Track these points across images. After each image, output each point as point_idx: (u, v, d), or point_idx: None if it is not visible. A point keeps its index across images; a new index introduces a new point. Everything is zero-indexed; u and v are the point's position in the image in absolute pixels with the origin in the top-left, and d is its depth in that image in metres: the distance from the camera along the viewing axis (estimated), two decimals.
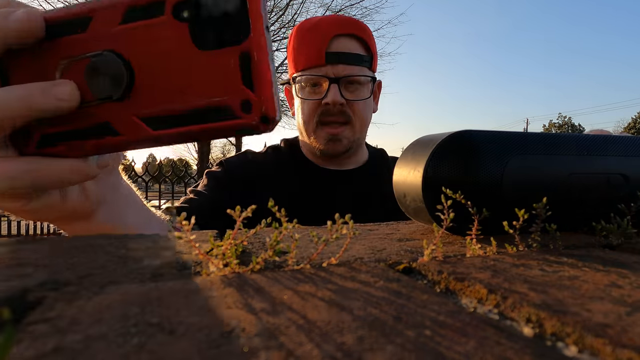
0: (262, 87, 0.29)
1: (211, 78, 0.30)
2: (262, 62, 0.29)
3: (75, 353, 0.16)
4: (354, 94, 0.85)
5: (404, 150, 0.44)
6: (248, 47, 0.29)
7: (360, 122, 0.87)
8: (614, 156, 0.41)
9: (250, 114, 0.29)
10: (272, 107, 0.29)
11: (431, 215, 0.38)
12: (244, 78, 0.29)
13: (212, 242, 0.28)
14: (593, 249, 0.34)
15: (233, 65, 0.29)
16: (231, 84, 0.29)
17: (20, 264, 0.29)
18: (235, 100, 0.29)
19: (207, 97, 0.30)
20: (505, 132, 0.39)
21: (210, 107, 0.30)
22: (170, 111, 0.31)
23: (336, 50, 0.83)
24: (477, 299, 0.23)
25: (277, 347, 0.16)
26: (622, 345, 0.17)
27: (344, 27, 0.84)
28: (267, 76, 0.29)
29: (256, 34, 0.29)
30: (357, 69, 0.85)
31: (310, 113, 0.86)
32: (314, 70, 0.84)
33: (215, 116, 0.30)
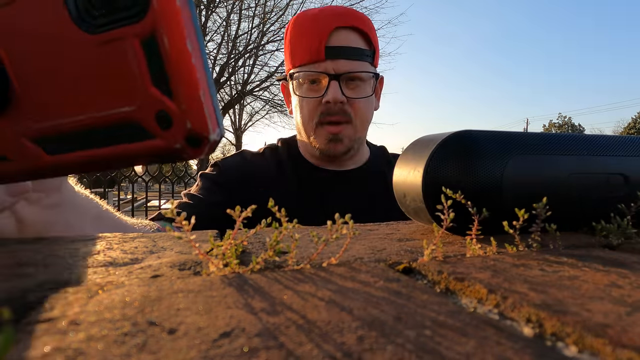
0: (184, 89, 0.20)
1: (107, 78, 0.21)
2: (179, 49, 0.20)
3: (75, 353, 0.16)
4: (355, 91, 0.81)
5: (404, 150, 0.44)
6: (152, 26, 0.20)
7: (362, 120, 0.84)
8: (614, 156, 0.41)
9: (169, 131, 0.21)
10: (203, 120, 0.21)
11: (431, 215, 0.38)
12: (154, 77, 0.20)
13: (212, 242, 0.28)
14: (593, 249, 0.34)
15: (134, 56, 0.20)
16: (136, 87, 0.21)
17: (20, 264, 0.29)
18: (147, 112, 0.21)
19: (107, 108, 0.21)
20: (505, 132, 0.40)
21: (113, 122, 0.22)
22: (65, 128, 0.22)
23: (336, 44, 0.78)
24: (477, 299, 0.23)
25: (277, 347, 0.16)
26: (622, 345, 0.17)
27: (345, 19, 0.79)
28: (191, 72, 0.20)
29: (163, 2, 0.20)
30: (358, 65, 0.80)
31: (310, 112, 0.82)
32: (313, 66, 0.79)
33: (123, 135, 0.22)
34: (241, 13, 10.01)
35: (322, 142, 0.82)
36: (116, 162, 0.23)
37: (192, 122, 0.20)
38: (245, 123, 14.14)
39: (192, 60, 0.20)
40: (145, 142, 0.21)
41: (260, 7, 10.04)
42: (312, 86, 0.81)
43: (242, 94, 10.52)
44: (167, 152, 0.21)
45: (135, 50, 0.20)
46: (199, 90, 0.20)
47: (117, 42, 0.21)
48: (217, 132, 0.21)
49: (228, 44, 10.11)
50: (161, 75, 0.20)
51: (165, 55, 0.20)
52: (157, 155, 0.22)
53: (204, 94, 0.20)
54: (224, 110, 10.55)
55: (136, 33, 0.20)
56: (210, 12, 9.81)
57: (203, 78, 0.21)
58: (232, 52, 10.05)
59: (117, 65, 0.21)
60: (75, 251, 0.33)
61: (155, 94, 0.20)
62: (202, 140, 0.21)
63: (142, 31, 0.20)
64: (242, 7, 9.88)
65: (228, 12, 9.80)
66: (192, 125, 0.20)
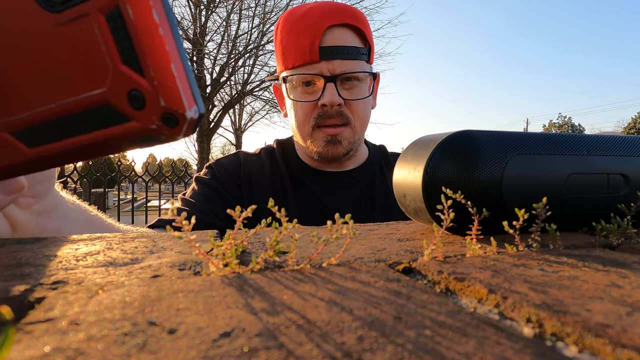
0: (153, 63, 0.19)
1: (76, 59, 0.20)
2: (144, 20, 0.19)
3: (75, 353, 0.16)
4: (352, 92, 0.78)
5: (404, 150, 0.44)
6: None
7: (361, 122, 0.81)
8: (614, 156, 0.41)
9: (143, 111, 0.20)
10: (177, 95, 0.19)
11: (431, 215, 0.38)
12: (123, 53, 0.19)
13: (212, 242, 0.28)
14: (593, 249, 0.34)
15: (100, 33, 0.19)
16: (105, 67, 0.20)
17: (20, 264, 0.29)
18: (119, 92, 0.20)
19: (79, 92, 0.21)
20: (505, 132, 0.40)
21: (86, 107, 0.21)
22: (41, 118, 0.22)
23: (331, 43, 0.74)
24: (477, 299, 0.23)
25: (277, 347, 0.16)
26: (622, 345, 0.17)
27: (338, 16, 0.75)
28: (160, 44, 0.19)
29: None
30: (354, 64, 0.76)
31: (306, 116, 0.78)
32: (306, 68, 0.75)
33: (98, 121, 0.21)
34: (241, 13, 10.01)
35: (320, 145, 0.79)
36: (95, 149, 0.22)
37: (166, 99, 0.19)
38: (245, 123, 14.14)
39: (159, 31, 0.19)
40: (121, 126, 0.21)
41: (260, 7, 10.04)
42: (307, 88, 0.78)
43: (242, 94, 10.52)
44: (144, 133, 0.20)
45: (100, 26, 0.19)
46: (170, 64, 0.19)
47: (81, 20, 0.19)
48: (194, 109, 0.20)
49: (228, 44, 10.11)
50: (130, 50, 0.19)
51: (132, 28, 0.19)
52: (135, 139, 0.21)
53: (176, 67, 0.19)
54: (224, 110, 10.54)
55: (99, 7, 0.19)
56: (210, 12, 9.80)
57: (174, 50, 0.19)
58: (232, 52, 10.05)
59: (84, 44, 0.20)
60: (75, 251, 0.33)
61: (126, 72, 0.19)
62: (179, 118, 0.20)
63: (105, 4, 0.19)
64: (242, 7, 9.88)
65: (228, 12, 9.79)
66: (166, 102, 0.19)
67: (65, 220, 0.49)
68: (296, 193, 0.84)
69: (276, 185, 0.85)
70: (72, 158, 0.23)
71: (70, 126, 0.22)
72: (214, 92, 9.90)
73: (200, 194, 0.82)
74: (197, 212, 0.78)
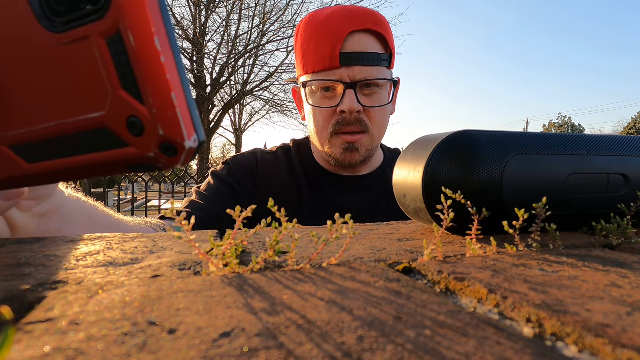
0: (153, 91, 0.19)
1: (75, 81, 0.20)
2: (146, 47, 0.18)
3: (75, 353, 0.16)
4: (371, 98, 0.77)
5: (404, 150, 0.44)
6: (115, 22, 0.18)
7: (379, 129, 0.79)
8: (614, 156, 0.41)
9: (141, 138, 0.20)
10: (176, 126, 0.19)
11: (431, 215, 0.38)
12: (122, 79, 0.19)
13: (212, 242, 0.28)
14: (593, 249, 0.34)
15: (100, 56, 0.19)
16: (104, 91, 0.19)
17: (20, 264, 0.29)
18: (117, 117, 0.20)
19: (78, 114, 0.20)
20: (505, 132, 0.40)
21: (85, 128, 0.21)
22: (39, 136, 0.22)
23: (352, 50, 0.73)
24: (477, 299, 0.23)
25: (277, 347, 0.16)
26: (622, 345, 0.17)
27: (360, 22, 0.74)
28: (161, 72, 0.19)
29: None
30: (375, 71, 0.75)
31: (324, 122, 0.77)
32: (326, 74, 0.74)
33: (96, 143, 0.21)
34: (241, 13, 10.01)
35: (338, 151, 0.78)
36: (92, 171, 0.22)
37: (164, 128, 0.19)
38: (245, 123, 14.15)
39: (160, 58, 0.18)
40: (118, 150, 0.20)
41: (260, 7, 10.04)
42: (326, 94, 0.77)
43: (242, 94, 10.52)
44: (141, 160, 0.20)
45: (101, 49, 0.19)
46: (170, 92, 0.19)
47: (81, 42, 0.19)
48: (193, 138, 0.20)
49: (228, 44, 10.10)
50: (130, 77, 0.19)
51: (132, 55, 0.18)
52: (131, 164, 0.21)
53: (176, 96, 0.19)
54: (224, 110, 10.54)
55: (100, 31, 0.19)
56: (210, 12, 9.80)
57: (175, 79, 0.19)
58: (232, 52, 10.05)
59: (83, 67, 0.20)
60: (75, 251, 0.34)
61: (125, 97, 0.19)
62: (177, 148, 0.19)
63: (106, 28, 0.19)
64: (242, 7, 9.88)
65: (228, 12, 9.79)
66: (165, 132, 0.19)
67: (68, 221, 0.49)
68: (312, 194, 0.83)
69: (292, 185, 0.84)
70: (70, 176, 0.23)
71: (68, 146, 0.22)
72: (214, 92, 9.90)
73: (215, 189, 0.82)
74: (210, 206, 0.78)
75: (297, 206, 0.82)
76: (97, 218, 0.54)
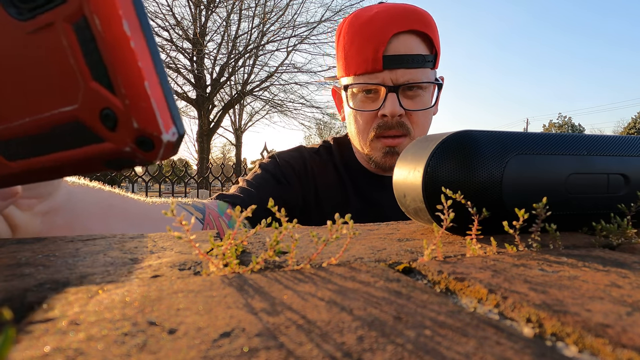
0: (124, 80, 0.17)
1: (46, 73, 0.19)
2: (113, 32, 0.17)
3: (75, 353, 0.16)
4: (414, 101, 0.76)
5: (404, 150, 0.44)
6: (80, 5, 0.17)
7: (420, 132, 0.78)
8: (614, 156, 0.41)
9: (116, 132, 0.18)
10: (151, 117, 0.18)
11: (431, 215, 0.38)
12: (92, 68, 0.18)
13: (212, 242, 0.28)
14: (593, 249, 0.34)
15: (68, 44, 0.18)
16: (75, 82, 0.18)
17: (20, 264, 0.29)
18: (90, 110, 0.18)
19: (51, 107, 0.19)
20: (505, 132, 0.40)
21: (60, 123, 0.19)
22: (16, 132, 0.21)
23: (395, 52, 0.72)
24: (477, 299, 0.23)
25: (277, 347, 0.16)
26: (622, 345, 0.17)
27: (405, 22, 0.72)
28: (131, 59, 0.17)
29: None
30: (419, 73, 0.74)
31: (366, 125, 0.77)
32: (369, 77, 0.73)
33: (71, 139, 0.19)
34: (241, 13, 10.01)
35: (379, 155, 0.78)
36: (72, 168, 0.21)
37: (139, 121, 0.18)
38: (245, 123, 14.16)
39: (130, 43, 0.17)
40: (94, 146, 0.19)
41: (260, 7, 10.04)
42: (368, 96, 0.76)
43: (242, 94, 10.51)
44: (117, 155, 0.19)
45: (68, 36, 0.17)
46: (143, 81, 0.17)
47: (48, 29, 0.18)
48: (171, 131, 0.18)
49: (228, 44, 10.11)
50: (99, 65, 0.17)
51: (100, 40, 0.17)
52: (107, 160, 0.20)
53: (150, 85, 0.17)
54: (224, 110, 10.54)
55: (65, 15, 0.17)
56: (210, 12, 9.80)
57: (148, 66, 0.17)
58: (232, 52, 10.05)
59: (52, 56, 0.18)
60: (75, 251, 0.34)
61: (96, 88, 0.18)
62: (154, 141, 0.18)
63: (71, 12, 0.17)
64: (242, 7, 9.88)
65: (228, 12, 9.79)
66: (140, 124, 0.18)
67: (76, 214, 0.48)
68: (357, 194, 0.83)
69: (338, 184, 0.84)
70: (54, 174, 0.22)
71: (45, 142, 0.20)
72: (214, 92, 9.90)
73: (262, 178, 0.82)
74: (260, 193, 0.77)
75: (345, 206, 0.82)
76: (112, 208, 0.52)
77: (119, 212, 0.52)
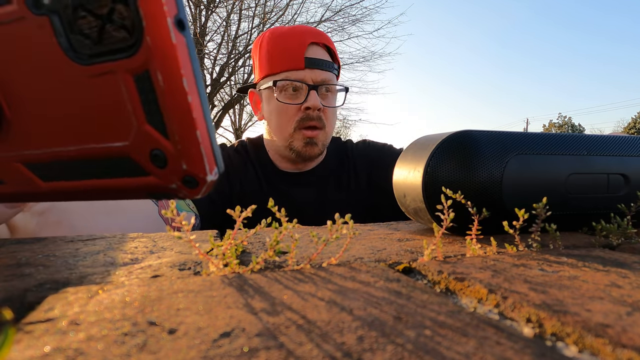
0: (179, 129, 0.19)
1: (100, 111, 0.21)
2: (174, 87, 0.19)
3: (75, 353, 0.16)
4: (327, 100, 0.91)
5: (404, 150, 0.44)
6: (145, 62, 0.19)
7: (331, 127, 0.93)
8: (614, 156, 0.41)
9: (164, 170, 0.20)
10: (199, 161, 0.20)
11: (431, 215, 0.38)
12: (148, 114, 0.20)
13: (212, 242, 0.28)
14: (593, 249, 0.34)
15: (127, 91, 0.20)
16: (129, 123, 0.20)
17: (20, 264, 0.29)
18: (141, 149, 0.20)
19: (100, 141, 0.21)
20: (505, 132, 0.40)
21: (106, 155, 0.21)
22: (59, 157, 0.22)
23: (313, 55, 0.87)
24: (477, 299, 0.23)
25: (277, 347, 0.16)
26: (622, 345, 0.17)
27: (317, 37, 0.90)
28: (188, 111, 0.19)
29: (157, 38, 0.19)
30: (332, 77, 0.90)
31: (290, 117, 0.89)
32: (292, 74, 0.87)
33: (117, 169, 0.21)
34: (241, 13, 10.01)
35: (300, 145, 0.89)
36: (111, 194, 0.23)
37: (188, 164, 0.20)
38: (245, 123, 14.16)
39: (188, 99, 0.19)
40: (139, 178, 0.21)
41: (260, 7, 10.04)
42: (294, 93, 0.89)
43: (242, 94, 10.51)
44: (162, 190, 0.21)
45: (127, 85, 0.19)
46: (196, 130, 0.19)
47: (108, 76, 0.20)
48: (214, 172, 0.20)
49: (228, 44, 10.11)
50: (156, 113, 0.19)
51: (160, 93, 0.19)
52: (151, 192, 0.21)
53: (200, 134, 0.20)
54: (224, 110, 10.55)
55: (128, 68, 0.19)
56: (210, 12, 9.81)
57: (200, 117, 0.20)
58: (232, 52, 10.05)
59: (109, 99, 0.20)
60: (75, 251, 0.34)
61: (150, 131, 0.20)
62: (199, 181, 0.20)
63: (134, 67, 0.19)
64: (242, 7, 9.88)
65: (228, 12, 9.79)
66: (188, 167, 0.20)
67: (65, 211, 0.50)
68: (271, 190, 0.93)
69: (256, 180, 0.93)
70: (86, 196, 0.23)
71: (87, 169, 0.22)
72: (214, 92, 9.89)
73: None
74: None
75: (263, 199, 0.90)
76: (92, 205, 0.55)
77: (99, 206, 0.55)
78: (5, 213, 0.41)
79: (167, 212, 0.26)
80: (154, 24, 0.18)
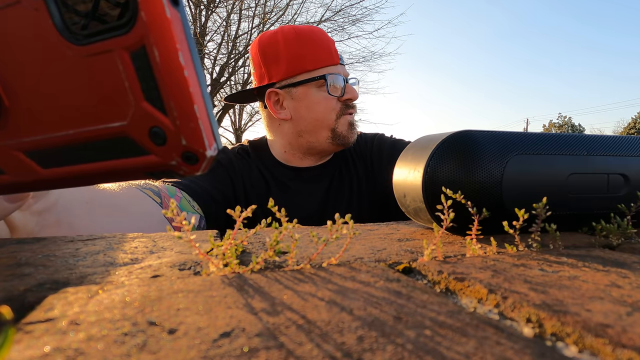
0: (177, 104, 0.19)
1: (97, 91, 0.20)
2: (170, 63, 0.19)
3: (75, 353, 0.16)
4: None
5: (404, 150, 0.44)
6: (140, 38, 0.19)
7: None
8: (613, 156, 0.41)
9: (163, 147, 0.20)
10: (199, 136, 0.20)
11: (431, 215, 0.38)
12: (146, 91, 0.20)
13: (212, 242, 0.28)
14: (593, 249, 0.34)
15: (123, 69, 0.20)
16: (127, 102, 0.20)
17: (20, 264, 0.29)
18: (139, 127, 0.20)
19: (98, 122, 0.21)
20: (505, 132, 0.40)
21: (105, 136, 0.21)
22: (58, 142, 0.22)
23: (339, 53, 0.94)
24: (477, 299, 0.23)
25: (277, 347, 0.16)
26: (622, 345, 0.17)
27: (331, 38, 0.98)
28: (185, 86, 0.19)
29: (152, 13, 0.18)
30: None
31: (333, 107, 0.94)
32: (332, 69, 0.93)
33: (117, 150, 0.21)
34: (241, 13, 10.01)
35: (345, 129, 0.94)
36: (111, 176, 0.23)
37: (187, 139, 0.20)
38: (245, 123, 14.16)
39: (184, 73, 0.19)
40: (139, 158, 0.21)
41: (260, 7, 10.04)
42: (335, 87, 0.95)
43: None
44: (162, 168, 0.21)
45: (124, 63, 0.19)
46: (193, 105, 0.19)
47: (105, 55, 0.20)
48: (213, 147, 0.21)
49: (228, 44, 10.11)
50: (153, 89, 0.19)
51: (157, 69, 0.19)
52: (152, 171, 0.21)
53: (198, 109, 0.20)
54: (224, 110, 10.55)
55: (124, 45, 0.19)
56: (210, 12, 9.80)
57: (197, 91, 0.20)
58: (232, 52, 10.05)
59: (106, 78, 0.20)
60: (75, 251, 0.34)
61: (148, 109, 0.20)
62: (199, 156, 0.20)
63: (131, 43, 0.19)
64: (242, 7, 9.88)
65: (228, 12, 9.80)
66: (187, 142, 0.20)
67: (65, 209, 0.50)
68: (277, 185, 0.94)
69: (260, 177, 0.94)
70: (85, 181, 0.24)
71: (87, 153, 0.22)
72: (214, 92, 9.89)
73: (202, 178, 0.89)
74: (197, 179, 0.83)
75: (268, 195, 0.93)
76: (93, 201, 0.55)
77: (95, 207, 0.55)
78: (6, 208, 0.40)
79: (168, 213, 0.26)
80: (149, 3, 0.18)
